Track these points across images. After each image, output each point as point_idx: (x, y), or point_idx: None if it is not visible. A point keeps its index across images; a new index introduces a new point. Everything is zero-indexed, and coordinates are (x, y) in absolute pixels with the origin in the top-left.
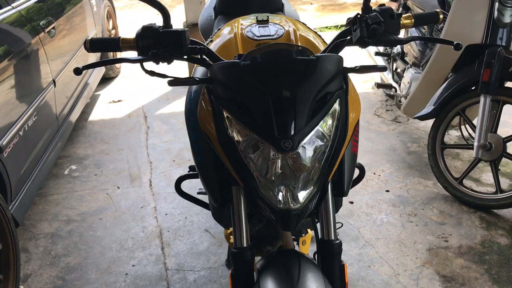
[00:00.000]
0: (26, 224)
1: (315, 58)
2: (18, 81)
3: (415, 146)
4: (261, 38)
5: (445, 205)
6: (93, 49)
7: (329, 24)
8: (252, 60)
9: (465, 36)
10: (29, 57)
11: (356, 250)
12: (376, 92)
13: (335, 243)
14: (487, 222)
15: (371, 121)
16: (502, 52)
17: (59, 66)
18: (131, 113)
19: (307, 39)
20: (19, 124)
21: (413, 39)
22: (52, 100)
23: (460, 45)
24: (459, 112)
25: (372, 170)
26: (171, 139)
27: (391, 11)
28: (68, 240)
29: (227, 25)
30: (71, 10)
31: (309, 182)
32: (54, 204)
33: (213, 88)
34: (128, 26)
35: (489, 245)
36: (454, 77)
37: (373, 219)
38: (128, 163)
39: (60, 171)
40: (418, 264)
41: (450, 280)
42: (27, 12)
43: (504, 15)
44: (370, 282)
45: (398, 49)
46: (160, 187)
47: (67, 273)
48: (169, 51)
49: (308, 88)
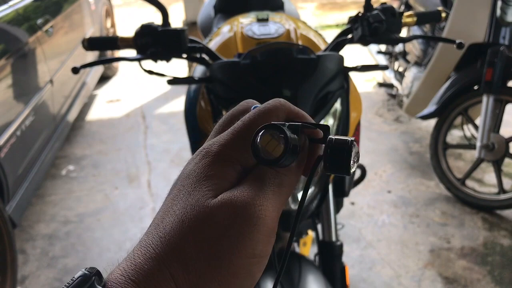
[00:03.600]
0: (24, 225)
1: (316, 57)
2: (15, 81)
3: (417, 146)
4: (261, 37)
5: (448, 206)
6: (91, 48)
7: (330, 22)
8: (252, 59)
9: (468, 34)
10: (26, 56)
11: (357, 251)
12: (377, 91)
13: (336, 245)
14: (490, 223)
15: (372, 120)
16: (505, 51)
17: (57, 65)
18: (130, 113)
19: (307, 37)
20: (16, 124)
21: (415, 37)
22: (50, 99)
23: (462, 44)
24: (462, 111)
25: (373, 170)
26: (170, 139)
27: (392, 10)
28: (65, 241)
29: (227, 23)
30: (69, 8)
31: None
32: (52, 205)
33: (212, 87)
34: (125, 24)
35: (491, 246)
36: (456, 76)
37: (375, 220)
38: (126, 163)
39: (57, 171)
40: (420, 265)
41: (452, 282)
42: (24, 11)
43: (507, 14)
44: (372, 284)
45: (400, 48)
46: (159, 188)
47: (64, 274)
48: (168, 49)
49: (308, 87)
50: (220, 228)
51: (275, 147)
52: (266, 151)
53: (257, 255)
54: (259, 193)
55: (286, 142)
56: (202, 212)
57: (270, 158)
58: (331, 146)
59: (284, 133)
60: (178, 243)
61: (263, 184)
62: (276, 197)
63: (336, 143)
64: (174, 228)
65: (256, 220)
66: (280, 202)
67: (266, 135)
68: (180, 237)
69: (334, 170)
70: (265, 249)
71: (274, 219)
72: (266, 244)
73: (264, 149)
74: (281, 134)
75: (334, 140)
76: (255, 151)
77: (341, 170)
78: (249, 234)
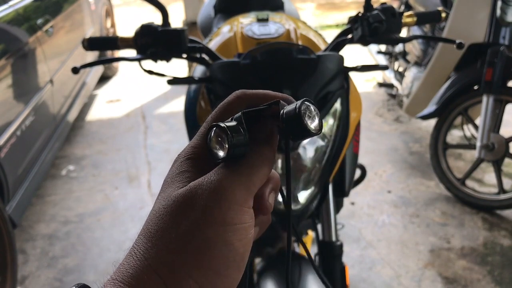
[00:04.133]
0: (24, 225)
1: (316, 57)
2: (15, 81)
3: (417, 146)
4: (261, 37)
5: (448, 206)
6: (91, 48)
7: (330, 22)
8: (252, 59)
9: (468, 34)
10: (27, 56)
11: (357, 251)
12: (377, 91)
13: (336, 245)
14: (490, 223)
15: (372, 120)
16: (505, 51)
17: (57, 65)
18: (130, 113)
19: (307, 37)
20: (16, 124)
21: (415, 37)
22: (50, 99)
23: (462, 44)
24: (462, 111)
25: (373, 170)
26: (170, 139)
27: (392, 10)
28: (65, 241)
29: (227, 23)
30: (69, 8)
31: (309, 182)
32: (52, 205)
33: (212, 87)
34: (125, 24)
35: (491, 247)
36: (456, 76)
37: (375, 220)
38: (126, 163)
39: (57, 171)
40: (420, 265)
41: (452, 282)
42: (24, 11)
43: (507, 14)
44: (372, 284)
45: (400, 48)
46: (159, 188)
47: (64, 274)
48: (168, 49)
49: (308, 87)
50: (188, 208)
51: (221, 146)
52: (215, 150)
53: (228, 222)
54: (223, 172)
55: (227, 138)
56: (171, 200)
57: (220, 157)
58: (284, 119)
59: (224, 130)
60: (155, 235)
61: (227, 166)
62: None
63: (286, 115)
64: (151, 222)
65: (222, 191)
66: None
67: (214, 135)
68: (156, 229)
69: (299, 137)
70: (237, 217)
71: (242, 192)
72: (237, 212)
73: (214, 149)
74: (223, 132)
75: (284, 112)
76: (209, 151)
77: (303, 134)
78: (216, 204)
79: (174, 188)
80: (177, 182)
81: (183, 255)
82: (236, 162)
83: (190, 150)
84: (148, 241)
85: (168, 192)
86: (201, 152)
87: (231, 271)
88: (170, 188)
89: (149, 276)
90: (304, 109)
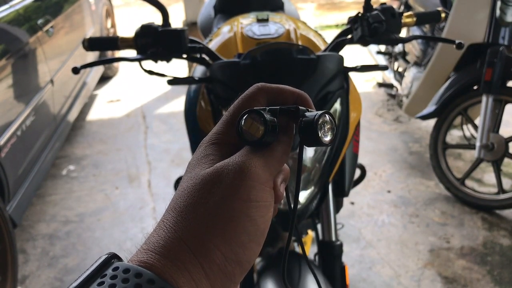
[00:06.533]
0: (24, 225)
1: (316, 57)
2: (15, 81)
3: (417, 146)
4: (261, 37)
5: (447, 205)
6: (92, 48)
7: (330, 23)
8: (252, 59)
9: (467, 35)
10: (27, 56)
11: (357, 251)
12: (377, 91)
13: (335, 244)
14: (489, 223)
15: (372, 120)
16: (504, 51)
17: (57, 65)
18: (130, 113)
19: (307, 38)
20: (16, 124)
21: (415, 38)
22: (50, 99)
23: (462, 44)
24: (461, 111)
25: (373, 170)
26: (170, 139)
27: (392, 10)
28: (66, 241)
29: (227, 23)
30: (69, 8)
31: (309, 182)
32: (52, 204)
33: (212, 87)
34: (125, 24)
35: (491, 246)
36: (456, 76)
37: (375, 220)
38: (126, 163)
39: (58, 171)
40: (419, 265)
41: (452, 282)
42: (24, 11)
43: (507, 14)
44: (371, 283)
45: (400, 48)
46: (159, 188)
47: (65, 274)
48: (168, 50)
49: (308, 87)
50: (216, 186)
51: (256, 130)
52: (249, 133)
53: (252, 200)
54: (248, 154)
55: (265, 123)
56: (199, 178)
57: (253, 139)
58: (302, 125)
59: (263, 116)
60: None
61: (251, 151)
62: (264, 160)
63: (305, 123)
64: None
65: (246, 170)
66: (269, 165)
67: (248, 119)
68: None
69: (310, 144)
70: (260, 195)
71: (265, 173)
72: (259, 190)
73: (247, 132)
74: (261, 118)
75: (303, 120)
76: (240, 134)
77: (315, 143)
78: (241, 182)
79: (201, 168)
80: (203, 163)
81: (211, 228)
82: (260, 147)
83: (214, 136)
84: (178, 215)
85: (195, 172)
86: (224, 138)
87: (253, 244)
88: (197, 169)
89: (179, 246)
90: (322, 123)
